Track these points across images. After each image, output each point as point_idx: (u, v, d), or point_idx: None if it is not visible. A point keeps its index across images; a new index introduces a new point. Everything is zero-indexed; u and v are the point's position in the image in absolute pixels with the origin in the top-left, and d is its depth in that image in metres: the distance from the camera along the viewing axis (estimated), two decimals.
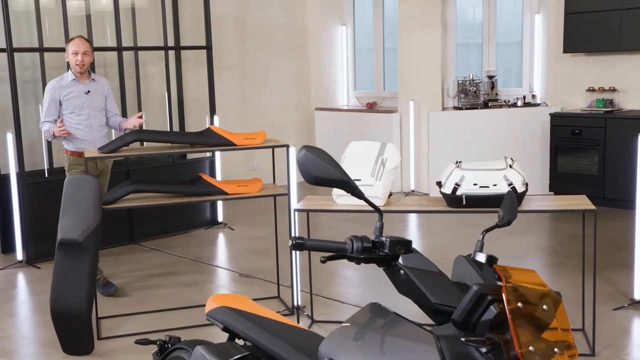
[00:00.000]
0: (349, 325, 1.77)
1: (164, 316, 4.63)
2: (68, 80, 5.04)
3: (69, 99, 5.01)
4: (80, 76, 5.05)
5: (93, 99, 5.08)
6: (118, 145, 4.28)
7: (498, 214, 2.09)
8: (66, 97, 5.01)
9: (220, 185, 4.39)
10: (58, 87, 5.01)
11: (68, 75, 5.06)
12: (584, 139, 7.14)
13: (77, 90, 5.02)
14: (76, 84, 5.04)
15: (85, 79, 5.08)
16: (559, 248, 6.02)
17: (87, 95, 5.05)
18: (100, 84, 5.19)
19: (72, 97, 5.02)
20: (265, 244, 6.32)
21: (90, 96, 5.07)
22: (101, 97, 5.15)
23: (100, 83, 5.19)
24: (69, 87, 5.02)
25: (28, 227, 5.75)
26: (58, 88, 5.01)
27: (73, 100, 5.02)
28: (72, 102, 5.02)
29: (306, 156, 1.82)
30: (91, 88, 5.09)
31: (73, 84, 5.04)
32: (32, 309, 4.99)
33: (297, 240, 1.76)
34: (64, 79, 5.06)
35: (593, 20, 7.14)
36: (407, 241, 1.80)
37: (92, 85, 5.10)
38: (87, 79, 5.09)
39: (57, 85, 5.03)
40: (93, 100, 5.08)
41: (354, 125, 8.70)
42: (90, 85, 5.09)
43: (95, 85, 5.13)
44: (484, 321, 1.59)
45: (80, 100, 5.03)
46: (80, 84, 5.05)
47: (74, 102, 5.02)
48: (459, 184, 3.79)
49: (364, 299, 4.84)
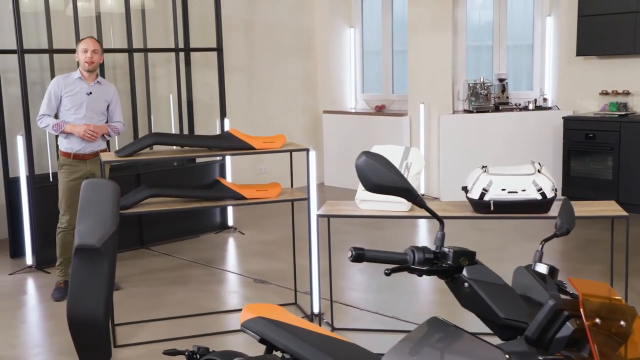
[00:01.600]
0: (409, 341, 1.67)
1: (180, 323, 4.54)
2: (74, 78, 5.02)
3: (69, 96, 4.97)
4: (87, 76, 4.99)
5: (93, 101, 5.02)
6: (136, 149, 4.18)
7: (555, 223, 2.00)
8: (67, 94, 4.97)
9: (239, 190, 4.29)
10: (62, 83, 4.99)
11: (75, 74, 5.03)
12: (598, 142, 7.07)
13: (80, 89, 4.99)
14: (81, 82, 5.00)
15: (92, 80, 5.02)
16: (575, 253, 5.94)
17: (88, 96, 4.99)
18: (105, 88, 5.12)
19: (73, 95, 4.97)
20: (277, 248, 6.24)
21: (92, 98, 5.01)
22: (103, 102, 5.09)
23: (105, 88, 5.12)
24: (73, 84, 4.99)
25: (38, 231, 5.65)
26: (62, 83, 4.99)
27: (73, 97, 4.97)
28: (72, 99, 4.97)
29: (366, 162, 1.74)
30: (94, 90, 5.03)
31: (77, 82, 5.00)
32: (43, 316, 4.88)
33: (357, 251, 1.67)
34: (70, 76, 5.04)
35: (607, 23, 7.07)
36: (471, 252, 1.72)
37: (96, 88, 5.04)
38: (93, 80, 5.03)
39: (62, 81, 5.01)
40: (93, 102, 5.02)
41: (362, 128, 8.62)
42: (94, 87, 5.03)
43: (99, 88, 5.06)
44: (560, 338, 1.51)
45: (80, 100, 4.98)
46: (85, 83, 5.00)
47: (74, 100, 4.97)
48: (486, 189, 3.70)
49: (383, 306, 4.76)
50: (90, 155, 5.08)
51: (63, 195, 5.09)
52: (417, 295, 5.04)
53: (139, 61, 6.55)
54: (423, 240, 6.69)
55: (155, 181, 6.12)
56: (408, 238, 6.64)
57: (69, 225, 5.11)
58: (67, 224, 5.10)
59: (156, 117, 6.84)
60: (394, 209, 3.88)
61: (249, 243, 6.52)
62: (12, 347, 4.29)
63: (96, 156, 5.10)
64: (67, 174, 5.06)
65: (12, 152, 5.85)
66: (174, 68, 6.84)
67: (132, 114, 6.26)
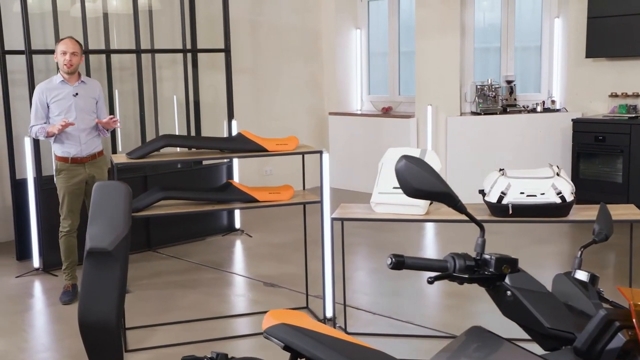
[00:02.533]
0: (451, 353, 1.62)
1: (191, 327, 4.48)
2: (56, 82, 4.91)
3: (56, 101, 4.88)
4: (68, 77, 4.90)
5: (82, 102, 4.94)
6: (148, 151, 4.12)
7: (593, 229, 1.95)
8: (53, 100, 4.87)
9: (252, 192, 4.24)
10: (46, 90, 4.89)
11: (56, 78, 4.93)
12: (608, 145, 7.02)
13: (65, 92, 4.89)
14: (64, 85, 4.90)
15: (75, 81, 4.93)
16: (585, 257, 5.88)
17: (75, 97, 4.91)
18: (90, 86, 5.04)
19: (60, 99, 4.88)
20: (285, 251, 6.18)
21: (79, 98, 4.92)
22: (91, 100, 5.00)
23: (90, 85, 5.05)
24: (57, 89, 4.89)
25: (45, 234, 5.60)
26: (46, 90, 4.88)
27: (60, 102, 4.88)
28: (59, 104, 4.88)
29: (407, 167, 1.68)
30: (80, 90, 4.94)
31: (61, 85, 4.90)
32: (52, 319, 4.83)
33: (397, 258, 1.62)
34: (52, 81, 4.94)
35: (617, 25, 7.02)
36: (513, 259, 1.66)
37: (82, 88, 4.96)
38: (76, 80, 4.94)
39: (45, 88, 4.90)
40: (82, 102, 4.94)
41: (368, 130, 8.57)
42: (79, 88, 4.94)
43: (84, 87, 4.98)
44: (611, 350, 1.46)
45: (68, 103, 4.89)
46: (69, 85, 4.91)
47: (61, 105, 4.88)
48: (504, 192, 3.65)
49: (395, 310, 4.71)
50: (88, 158, 5.01)
51: (63, 200, 5.02)
52: (428, 299, 4.99)
53: (146, 62, 6.49)
54: (432, 242, 6.63)
55: (163, 183, 6.05)
56: (414, 241, 6.59)
57: (71, 229, 5.05)
58: (70, 227, 5.04)
59: (162, 119, 6.78)
60: (410, 212, 3.83)
61: (257, 246, 6.46)
62: (21, 351, 4.23)
63: (94, 159, 5.04)
64: (67, 178, 4.98)
65: (19, 154, 5.79)
66: (178, 69, 6.79)
67: (140, 115, 6.21)
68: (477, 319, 4.55)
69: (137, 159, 4.11)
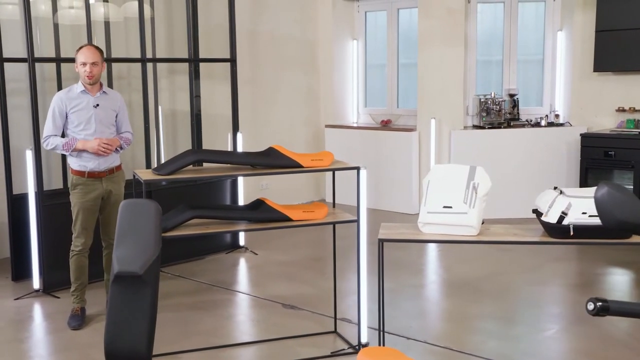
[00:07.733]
0: None
1: (215, 355, 4.20)
2: (77, 92, 4.63)
3: (75, 112, 4.59)
4: (90, 88, 4.63)
5: (102, 113, 4.66)
6: (178, 167, 3.83)
7: None
8: (73, 110, 4.59)
9: (285, 211, 3.98)
10: (66, 99, 4.60)
11: (77, 87, 4.64)
12: (618, 160, 6.93)
13: (85, 103, 4.61)
14: (85, 95, 4.62)
15: (96, 91, 4.66)
16: (619, 278, 5.74)
17: (95, 108, 4.62)
18: (112, 97, 4.76)
19: (79, 110, 4.60)
20: (294, 269, 5.93)
21: (99, 110, 4.65)
22: (111, 112, 4.73)
23: (112, 97, 4.77)
24: (77, 99, 4.61)
25: (46, 252, 5.24)
26: (65, 100, 4.60)
27: (80, 113, 4.60)
28: (79, 115, 4.60)
29: (610, 195, 1.46)
30: (101, 102, 4.66)
31: (81, 95, 4.62)
32: (60, 347, 4.44)
33: (602, 304, 1.39)
34: (72, 91, 4.65)
35: (625, 39, 6.95)
36: None
37: (103, 99, 4.68)
38: (98, 91, 4.66)
39: (65, 97, 4.61)
40: (102, 114, 4.66)
41: (367, 143, 8.35)
42: (100, 99, 4.66)
43: (106, 98, 4.70)
44: None
45: (88, 114, 4.61)
46: (90, 96, 4.63)
47: (81, 115, 4.60)
48: (565, 212, 3.46)
49: (429, 333, 4.50)
50: (105, 173, 4.71)
51: (77, 216, 4.70)
52: (461, 322, 4.78)
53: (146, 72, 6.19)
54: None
55: (167, 198, 5.75)
56: (431, 259, 6.40)
57: (83, 248, 4.74)
58: (82, 246, 4.73)
59: (165, 130, 6.48)
60: (462, 232, 3.62)
61: (264, 264, 6.18)
62: None
63: (112, 173, 4.76)
64: (82, 194, 4.68)
65: (17, 168, 5.44)
66: (176, 80, 6.50)
67: (144, 126, 5.90)
68: (512, 341, 4.36)
69: (166, 176, 3.82)
